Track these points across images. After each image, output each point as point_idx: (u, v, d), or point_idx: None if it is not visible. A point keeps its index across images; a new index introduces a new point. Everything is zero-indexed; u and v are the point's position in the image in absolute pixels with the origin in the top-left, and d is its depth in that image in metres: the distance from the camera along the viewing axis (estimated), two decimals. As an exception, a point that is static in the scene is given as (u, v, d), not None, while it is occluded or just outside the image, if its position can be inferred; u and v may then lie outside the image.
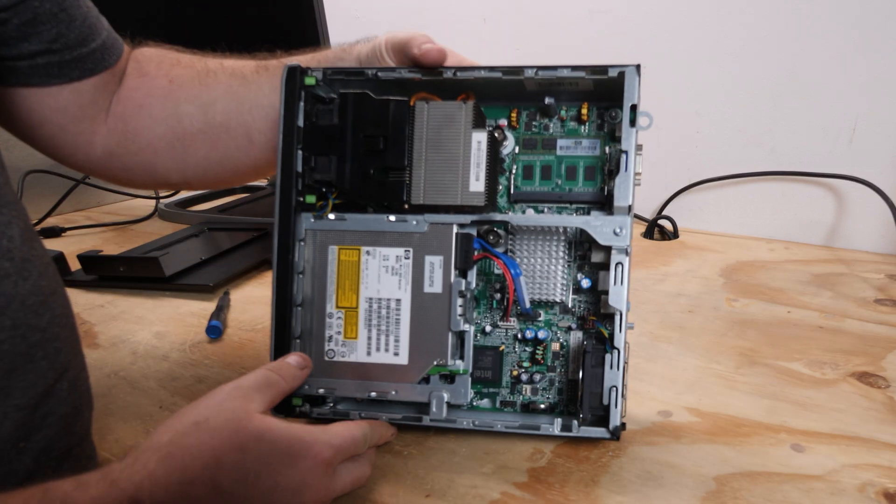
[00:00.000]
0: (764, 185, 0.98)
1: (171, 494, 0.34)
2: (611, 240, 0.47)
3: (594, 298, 0.51)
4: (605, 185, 0.50)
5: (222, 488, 0.35)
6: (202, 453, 0.36)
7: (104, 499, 0.33)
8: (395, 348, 0.49)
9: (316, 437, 0.39)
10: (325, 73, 0.49)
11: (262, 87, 0.54)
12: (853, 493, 0.43)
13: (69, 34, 0.49)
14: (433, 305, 0.48)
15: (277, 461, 0.37)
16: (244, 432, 0.37)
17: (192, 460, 0.35)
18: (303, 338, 0.50)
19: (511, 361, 0.52)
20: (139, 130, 0.55)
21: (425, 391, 0.49)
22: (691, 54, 0.97)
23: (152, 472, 0.35)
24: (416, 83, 0.49)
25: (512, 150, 0.52)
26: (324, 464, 0.39)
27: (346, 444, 0.41)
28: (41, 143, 0.55)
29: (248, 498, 0.36)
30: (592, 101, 0.51)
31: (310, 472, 0.38)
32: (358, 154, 0.49)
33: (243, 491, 0.36)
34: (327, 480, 0.39)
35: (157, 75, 0.56)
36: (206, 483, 0.35)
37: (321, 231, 0.50)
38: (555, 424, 0.48)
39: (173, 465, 0.35)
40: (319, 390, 0.49)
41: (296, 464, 0.38)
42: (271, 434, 0.38)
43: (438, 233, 0.48)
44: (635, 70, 0.46)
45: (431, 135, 0.48)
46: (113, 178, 0.59)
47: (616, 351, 0.46)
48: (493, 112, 0.53)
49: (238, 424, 0.38)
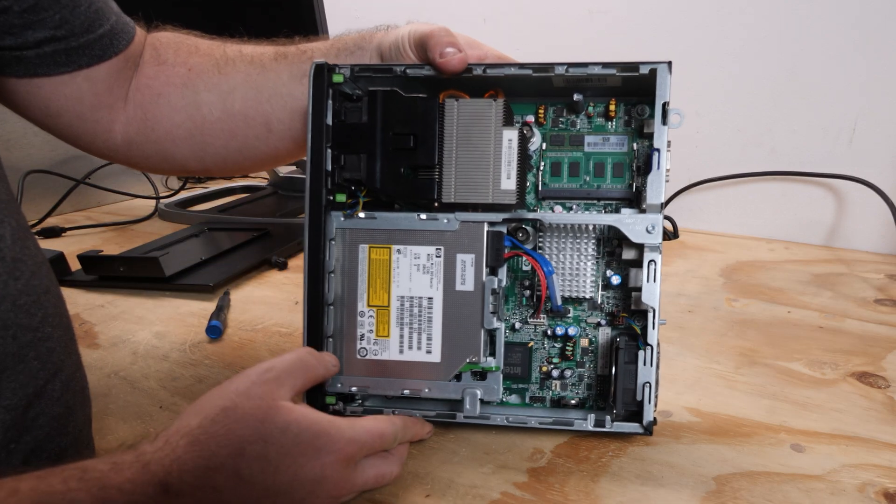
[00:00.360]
0: (764, 185, 0.98)
1: (196, 479, 0.34)
2: (643, 237, 0.46)
3: (623, 294, 0.51)
4: (633, 181, 0.51)
5: (243, 476, 0.35)
6: (229, 441, 0.36)
7: (137, 481, 0.34)
8: (427, 346, 0.49)
9: (341, 432, 0.39)
10: (353, 69, 0.49)
11: (280, 75, 0.54)
12: (853, 493, 0.43)
13: (74, 20, 0.49)
14: (465, 303, 0.48)
15: (299, 453, 0.37)
16: (270, 423, 0.37)
17: (219, 448, 0.36)
18: (335, 336, 0.50)
19: (540, 357, 0.53)
20: (158, 119, 0.55)
21: (458, 388, 0.49)
22: (691, 54, 0.97)
23: (180, 458, 0.35)
24: (444, 79, 0.49)
25: (539, 147, 0.52)
26: (345, 458, 0.39)
27: (371, 439, 0.41)
28: (61, 133, 0.55)
29: (266, 489, 0.36)
30: (619, 97, 0.51)
31: (330, 465, 0.38)
32: (388, 152, 0.48)
33: (262, 480, 0.36)
34: (348, 474, 0.39)
35: (175, 63, 0.56)
36: (229, 471, 0.35)
37: (351, 230, 0.49)
38: (588, 420, 0.48)
39: (200, 452, 0.35)
40: (352, 388, 0.50)
41: (318, 456, 0.38)
42: (297, 426, 0.38)
43: (469, 231, 0.48)
44: (667, 67, 0.45)
45: (461, 132, 0.48)
46: (133, 165, 0.59)
47: (649, 347, 0.47)
48: (519, 108, 0.52)
49: (265, 414, 0.38)
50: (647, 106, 0.50)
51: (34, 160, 1.11)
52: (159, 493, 0.34)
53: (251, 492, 0.36)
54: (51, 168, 1.13)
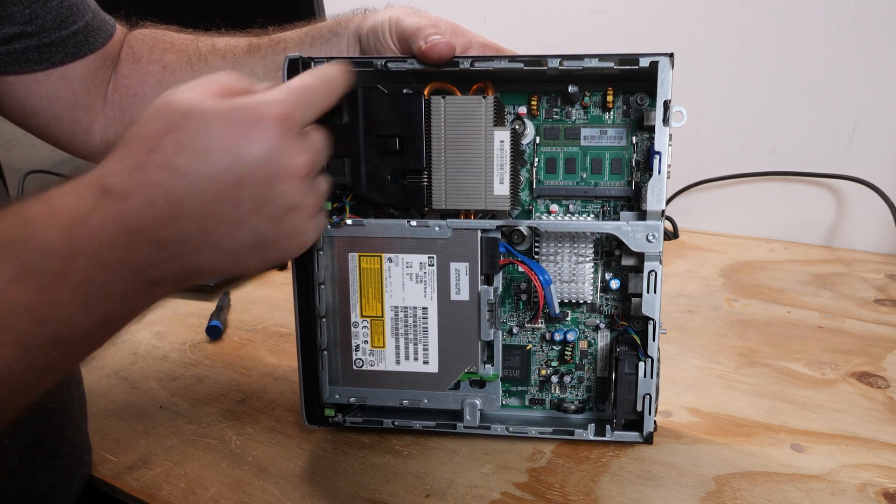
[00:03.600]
0: (764, 185, 0.98)
1: (130, 177, 0.32)
2: (644, 246, 0.45)
3: (622, 296, 0.50)
4: (632, 178, 0.49)
5: (178, 169, 0.32)
6: (139, 139, 0.33)
7: (75, 189, 0.31)
8: (424, 357, 0.48)
9: (250, 99, 0.34)
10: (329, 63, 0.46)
11: (254, 69, 0.53)
12: (853, 493, 0.43)
13: (45, 15, 0.48)
14: (461, 313, 0.47)
15: (219, 132, 0.32)
16: (169, 115, 0.33)
17: (134, 147, 0.33)
18: (329, 348, 0.49)
19: (539, 360, 0.52)
20: (136, 119, 0.54)
21: (457, 398, 0.48)
22: (691, 54, 0.97)
23: (108, 164, 0.32)
24: (429, 72, 0.46)
25: (532, 140, 0.49)
26: (279, 122, 0.33)
27: (292, 94, 0.35)
28: (39, 132, 0.54)
29: (213, 176, 0.32)
30: (617, 84, 0.48)
31: (265, 136, 0.33)
32: (372, 155, 0.45)
33: (200, 168, 0.32)
34: (296, 143, 0.34)
35: (149, 61, 0.54)
36: (160, 166, 0.32)
37: (339, 238, 0.47)
38: (588, 430, 0.48)
39: (121, 155, 0.33)
40: (351, 399, 0.49)
41: (244, 130, 0.33)
42: (200, 107, 0.33)
43: (463, 238, 0.46)
44: (668, 60, 0.43)
45: (450, 132, 0.45)
46: None
47: (650, 360, 0.46)
48: (511, 98, 0.49)
49: (163, 109, 0.33)
50: (647, 95, 0.48)
51: (34, 160, 1.11)
52: (101, 196, 0.31)
53: (196, 184, 0.32)
54: (51, 168, 1.13)
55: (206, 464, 0.49)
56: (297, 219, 0.35)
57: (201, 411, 0.55)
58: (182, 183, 0.32)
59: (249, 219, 0.33)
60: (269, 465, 0.48)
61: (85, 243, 0.30)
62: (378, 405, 0.49)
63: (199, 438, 0.52)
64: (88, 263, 0.30)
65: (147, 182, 0.31)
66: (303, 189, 0.35)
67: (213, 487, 0.46)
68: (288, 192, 0.34)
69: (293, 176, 0.34)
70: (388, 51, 0.49)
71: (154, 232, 0.32)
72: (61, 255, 0.30)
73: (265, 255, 0.35)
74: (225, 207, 0.33)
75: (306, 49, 0.53)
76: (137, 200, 0.31)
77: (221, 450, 0.50)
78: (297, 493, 0.45)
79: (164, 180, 0.32)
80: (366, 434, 0.51)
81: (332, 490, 0.45)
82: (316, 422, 0.50)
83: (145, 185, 0.31)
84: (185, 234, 0.32)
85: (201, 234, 0.33)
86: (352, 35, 0.52)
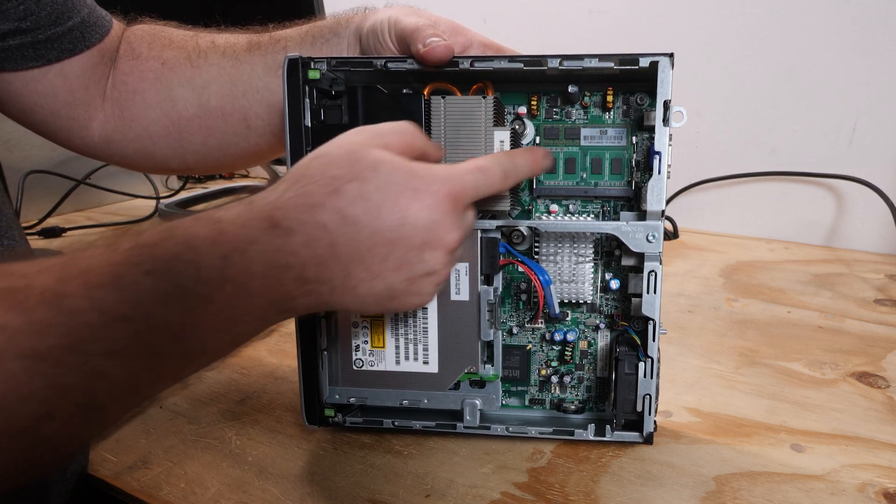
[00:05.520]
0: (764, 185, 0.98)
1: (300, 215, 0.34)
2: (644, 247, 0.45)
3: (622, 296, 0.50)
4: (632, 178, 0.49)
5: (347, 215, 0.34)
6: (324, 180, 0.35)
7: (245, 216, 0.33)
8: (424, 357, 0.48)
9: (434, 171, 0.37)
10: (330, 63, 0.45)
11: (255, 67, 0.52)
12: (853, 493, 0.43)
13: (39, 11, 0.48)
14: (461, 314, 0.47)
15: (398, 192, 0.35)
16: (359, 163, 0.36)
17: (314, 186, 0.35)
18: (329, 349, 0.49)
19: (539, 360, 0.52)
20: (135, 117, 0.54)
21: (457, 399, 0.48)
22: (691, 54, 0.97)
23: (280, 197, 0.34)
24: (428, 72, 0.46)
25: (532, 140, 0.50)
26: (449, 197, 0.37)
27: (470, 174, 0.38)
28: (37, 129, 0.54)
29: (375, 232, 0.35)
30: (617, 84, 0.48)
31: (436, 207, 0.36)
32: None
33: (368, 221, 0.35)
34: (458, 219, 0.37)
35: (148, 57, 0.54)
36: (331, 209, 0.34)
37: None
38: (588, 430, 0.48)
39: (298, 190, 0.35)
40: (351, 399, 0.49)
41: (418, 198, 0.36)
42: (388, 165, 0.36)
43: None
44: (669, 60, 0.43)
45: (450, 133, 0.45)
46: (115, 163, 0.58)
47: (650, 360, 0.46)
48: (511, 98, 0.50)
49: (354, 155, 0.36)
50: (647, 95, 0.48)
51: (34, 160, 1.11)
52: (268, 228, 0.33)
53: (360, 233, 0.34)
54: (51, 168, 1.13)
55: (206, 464, 0.49)
56: (427, 283, 0.38)
57: (201, 411, 0.55)
58: (347, 230, 0.34)
59: (389, 273, 0.36)
60: (269, 465, 0.48)
61: (238, 272, 0.32)
62: (378, 405, 0.49)
63: (199, 438, 0.52)
64: (235, 291, 0.32)
65: (315, 223, 0.33)
66: (444, 260, 0.38)
67: (213, 487, 0.46)
68: (432, 260, 0.37)
69: (443, 247, 0.37)
70: (388, 51, 0.49)
71: (302, 269, 0.33)
72: (215, 280, 0.31)
73: (386, 305, 0.38)
74: (374, 259, 0.35)
75: (307, 48, 0.53)
76: (300, 239, 0.33)
77: (221, 450, 0.50)
78: (297, 493, 0.45)
79: (332, 224, 0.34)
80: (366, 434, 0.51)
81: (332, 490, 0.45)
82: (316, 422, 0.50)
83: (312, 225, 0.33)
84: (330, 277, 0.35)
85: (343, 279, 0.35)
86: (352, 35, 0.52)
